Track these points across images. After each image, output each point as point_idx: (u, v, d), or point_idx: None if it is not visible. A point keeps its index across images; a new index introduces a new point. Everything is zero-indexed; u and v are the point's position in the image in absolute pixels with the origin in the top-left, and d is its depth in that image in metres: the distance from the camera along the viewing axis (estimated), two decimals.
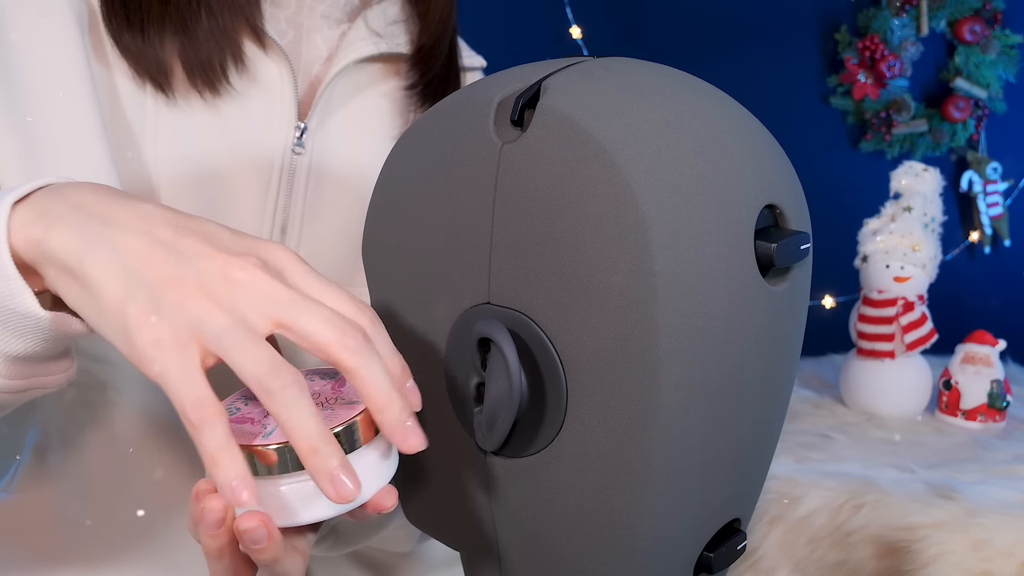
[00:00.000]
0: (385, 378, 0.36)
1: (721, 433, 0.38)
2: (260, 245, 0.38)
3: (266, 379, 0.34)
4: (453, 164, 0.40)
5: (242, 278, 0.36)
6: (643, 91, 0.38)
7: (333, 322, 0.36)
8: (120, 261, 0.36)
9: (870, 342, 1.30)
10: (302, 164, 0.60)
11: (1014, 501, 0.97)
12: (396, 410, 0.36)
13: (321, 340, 0.35)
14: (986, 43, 1.80)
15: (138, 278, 0.35)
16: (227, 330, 0.35)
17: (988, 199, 1.86)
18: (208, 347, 0.35)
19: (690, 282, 0.35)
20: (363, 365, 0.36)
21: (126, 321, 0.35)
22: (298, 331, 0.36)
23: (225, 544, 0.38)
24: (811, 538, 1.01)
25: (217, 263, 0.36)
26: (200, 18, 0.55)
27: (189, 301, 0.35)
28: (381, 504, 0.39)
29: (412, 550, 0.73)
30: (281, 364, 0.35)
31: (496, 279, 0.39)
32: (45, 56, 0.52)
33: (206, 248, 0.37)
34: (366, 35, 0.63)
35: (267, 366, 0.34)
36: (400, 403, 0.37)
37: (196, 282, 0.35)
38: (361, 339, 0.36)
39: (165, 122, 0.56)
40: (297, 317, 0.35)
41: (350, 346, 0.35)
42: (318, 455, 0.35)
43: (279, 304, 0.36)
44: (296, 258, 0.39)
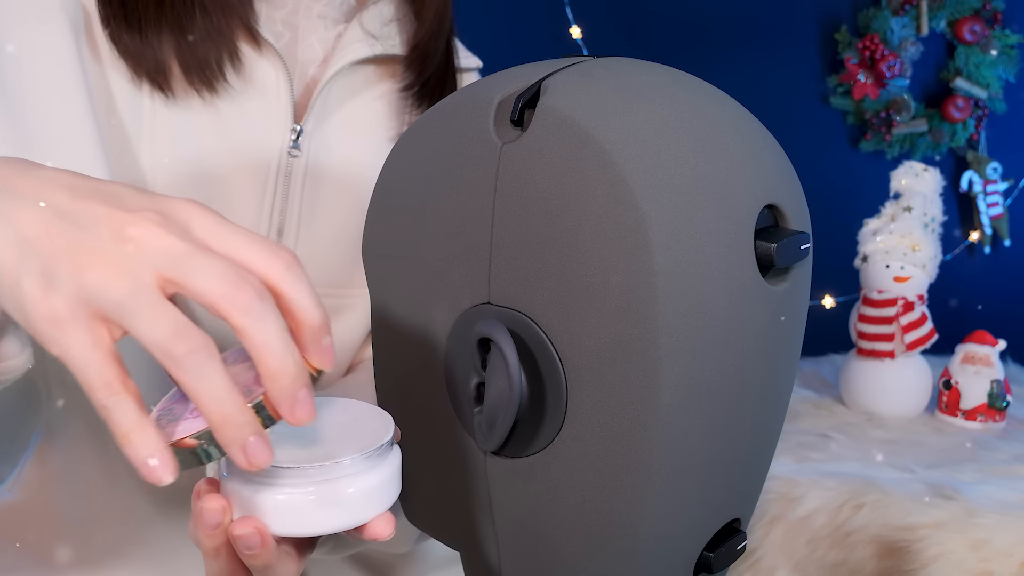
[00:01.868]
0: (279, 341, 0.33)
1: (721, 433, 0.38)
2: (168, 202, 0.35)
3: (169, 343, 0.32)
4: (453, 164, 0.40)
5: (136, 235, 0.33)
6: (643, 91, 0.38)
7: (225, 276, 0.33)
8: (13, 233, 0.33)
9: (870, 342, 1.30)
10: (298, 166, 0.60)
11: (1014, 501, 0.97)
12: (288, 378, 0.33)
13: (210, 296, 0.32)
14: (986, 43, 1.80)
15: (31, 250, 0.33)
16: (125, 297, 0.32)
17: (988, 199, 1.86)
18: (111, 318, 0.32)
19: (690, 282, 0.35)
20: (253, 325, 0.33)
21: (21, 299, 0.33)
22: (189, 287, 0.33)
23: (222, 544, 0.38)
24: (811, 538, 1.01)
25: (112, 223, 0.33)
26: (195, 17, 0.55)
27: (84, 271, 0.32)
28: (378, 531, 0.39)
29: (412, 550, 0.73)
30: (185, 326, 0.32)
31: (496, 279, 0.39)
32: (39, 61, 0.52)
33: (104, 209, 0.34)
34: (362, 37, 0.63)
35: (169, 330, 0.32)
36: (294, 371, 0.33)
37: (90, 249, 0.33)
38: (254, 295, 0.33)
39: (163, 123, 0.56)
40: (188, 272, 0.33)
41: (239, 302, 0.32)
42: (230, 424, 0.33)
43: (172, 259, 0.33)
44: (203, 210, 0.35)
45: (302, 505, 0.37)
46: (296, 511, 0.37)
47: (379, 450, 0.39)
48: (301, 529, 0.38)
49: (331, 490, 0.37)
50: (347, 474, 0.38)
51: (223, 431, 0.33)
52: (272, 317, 0.33)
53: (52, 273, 0.33)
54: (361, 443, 0.39)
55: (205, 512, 0.37)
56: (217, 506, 0.37)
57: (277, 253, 0.35)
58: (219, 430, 0.33)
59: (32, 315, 0.33)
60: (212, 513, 0.37)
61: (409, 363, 0.44)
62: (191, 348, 0.32)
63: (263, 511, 0.37)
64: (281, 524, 0.37)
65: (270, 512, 0.37)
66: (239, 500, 0.38)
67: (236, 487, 0.38)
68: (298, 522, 0.37)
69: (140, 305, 0.32)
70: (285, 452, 0.38)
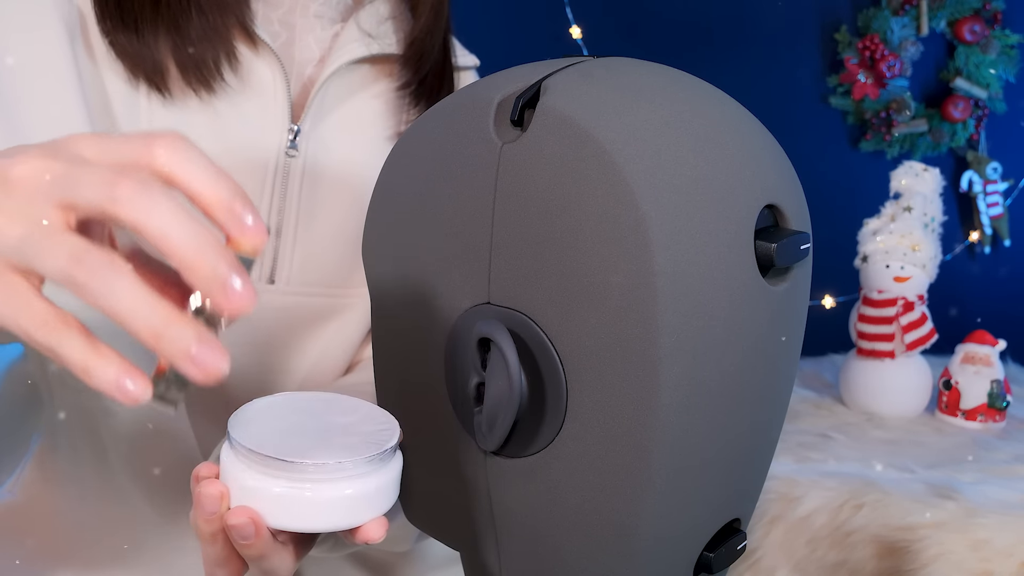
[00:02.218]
0: (179, 223, 0.29)
1: (721, 433, 0.38)
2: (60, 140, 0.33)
3: (70, 270, 0.29)
4: (453, 164, 0.40)
5: (20, 173, 0.31)
6: (643, 91, 0.38)
7: (103, 178, 0.30)
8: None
9: (870, 342, 1.30)
10: (296, 166, 0.60)
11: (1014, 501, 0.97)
12: (207, 262, 0.30)
13: (95, 203, 0.30)
14: (986, 43, 1.80)
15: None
16: (22, 240, 0.30)
17: (988, 199, 1.86)
18: (18, 265, 0.30)
19: (690, 282, 0.35)
20: (143, 216, 0.29)
21: None
22: (77, 203, 0.30)
23: (219, 530, 0.38)
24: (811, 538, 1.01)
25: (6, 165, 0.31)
26: (191, 17, 0.55)
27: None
28: (370, 535, 0.39)
29: (412, 550, 0.73)
30: (84, 249, 0.29)
31: (496, 279, 0.39)
32: (34, 65, 0.51)
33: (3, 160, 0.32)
34: (358, 36, 0.63)
35: (65, 256, 0.29)
36: (212, 253, 0.30)
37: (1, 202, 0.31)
38: (135, 184, 0.29)
39: (160, 123, 0.56)
40: (71, 189, 0.30)
41: (121, 197, 0.29)
42: (164, 338, 0.29)
43: (57, 184, 0.30)
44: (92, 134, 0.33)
45: (298, 500, 0.37)
46: (292, 506, 0.37)
47: (382, 455, 0.39)
48: (295, 524, 0.38)
49: (329, 490, 0.37)
50: (348, 475, 0.38)
51: (160, 347, 0.29)
52: (163, 200, 0.30)
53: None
54: (365, 445, 0.39)
55: (203, 498, 0.37)
56: (215, 492, 0.37)
57: (154, 139, 0.32)
58: (155, 347, 0.29)
59: None
60: (210, 499, 0.37)
61: (409, 363, 0.44)
62: (93, 267, 0.29)
63: (260, 501, 0.37)
64: (276, 517, 0.37)
65: (267, 503, 0.37)
66: (237, 487, 0.38)
67: (235, 474, 0.38)
68: (293, 517, 0.38)
69: (35, 241, 0.30)
70: (288, 446, 0.38)
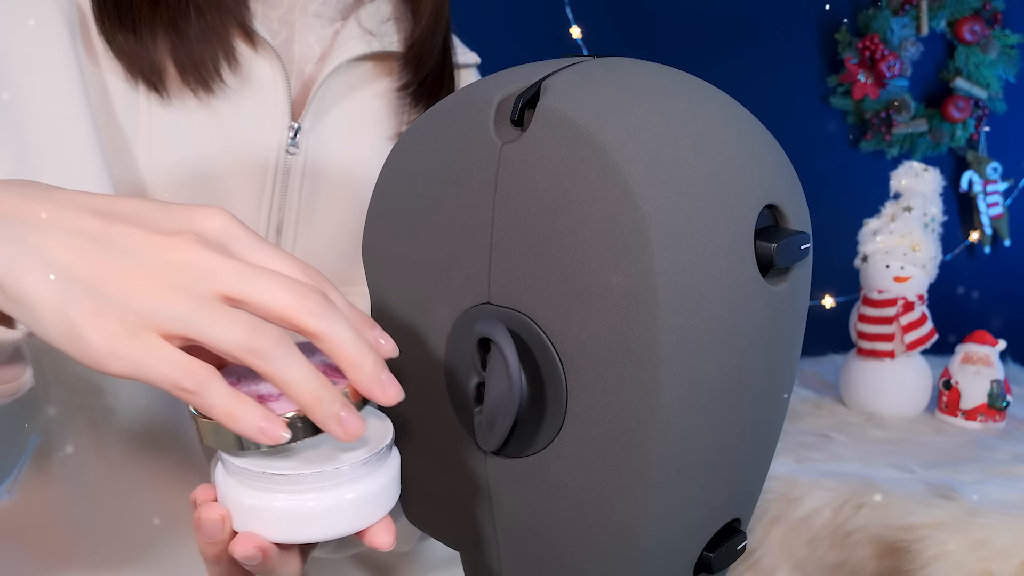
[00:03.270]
0: (353, 334, 0.35)
1: (721, 433, 0.38)
2: (195, 216, 0.36)
3: (252, 342, 0.33)
4: (453, 164, 0.40)
5: (182, 259, 0.34)
6: (643, 91, 0.38)
7: (291, 288, 0.34)
8: (50, 265, 0.34)
9: (870, 342, 1.30)
10: (296, 164, 0.60)
11: (1014, 501, 0.97)
12: (370, 364, 0.35)
13: (281, 308, 0.34)
14: (986, 43, 1.80)
15: (73, 278, 0.33)
16: (191, 309, 0.33)
17: (988, 199, 1.86)
18: (173, 331, 0.33)
19: (690, 282, 0.35)
20: (329, 327, 0.35)
21: (72, 326, 0.33)
22: (254, 302, 0.34)
23: (222, 551, 0.38)
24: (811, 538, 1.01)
25: (154, 247, 0.34)
26: (190, 17, 0.55)
27: (136, 292, 0.33)
28: (377, 541, 0.39)
29: (412, 550, 0.73)
30: (261, 324, 0.34)
31: (496, 279, 0.39)
32: (35, 61, 0.51)
33: (138, 232, 0.35)
34: (359, 34, 0.62)
35: (249, 329, 0.33)
36: (372, 356, 0.36)
37: (138, 271, 0.34)
38: (322, 300, 0.35)
39: (159, 123, 0.56)
40: (250, 288, 0.34)
41: (313, 310, 0.34)
42: (323, 402, 0.34)
43: (227, 278, 0.34)
44: (237, 225, 0.37)
45: (301, 512, 0.37)
46: (295, 519, 0.37)
47: (379, 454, 0.39)
48: (300, 536, 0.37)
49: (331, 497, 0.37)
50: (347, 480, 0.37)
51: (318, 409, 0.34)
52: (340, 316, 0.35)
53: (101, 296, 0.33)
54: (360, 446, 0.39)
55: (204, 523, 0.37)
56: (216, 516, 0.37)
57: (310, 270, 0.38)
58: (314, 409, 0.34)
59: (88, 338, 0.33)
60: (211, 524, 0.37)
61: (409, 363, 0.44)
62: (274, 342, 0.33)
63: (262, 519, 0.37)
64: (280, 532, 0.37)
65: (269, 519, 0.37)
66: (237, 507, 0.37)
67: (233, 495, 0.37)
68: (297, 530, 0.37)
69: (209, 314, 0.33)
70: (282, 458, 0.38)
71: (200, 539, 0.38)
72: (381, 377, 0.36)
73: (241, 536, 0.37)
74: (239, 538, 0.37)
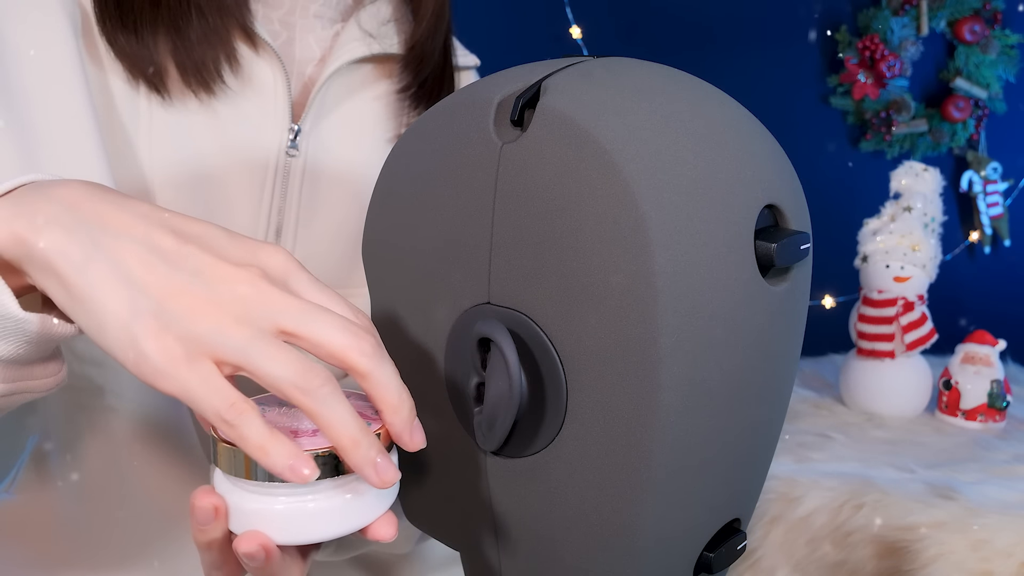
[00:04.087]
0: (398, 379, 0.37)
1: (721, 433, 0.38)
2: (260, 252, 0.38)
3: (303, 380, 0.34)
4: (453, 164, 0.40)
5: (247, 292, 0.35)
6: (643, 91, 0.38)
7: (347, 328, 0.36)
8: (121, 273, 0.35)
9: (870, 342, 1.30)
10: (296, 166, 0.60)
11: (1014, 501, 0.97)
12: (407, 408, 0.37)
13: (338, 347, 0.35)
14: (986, 43, 1.80)
15: (143, 292, 0.34)
16: (250, 341, 0.34)
17: (988, 199, 1.86)
18: (228, 359, 0.34)
19: (690, 282, 0.35)
20: (378, 368, 0.36)
21: (134, 338, 0.34)
22: (311, 339, 0.35)
23: (213, 540, 0.38)
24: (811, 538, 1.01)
25: (222, 275, 0.36)
26: (191, 19, 0.55)
27: (200, 316, 0.34)
28: (380, 534, 0.39)
29: (412, 550, 0.73)
30: (311, 363, 0.35)
31: (496, 279, 0.39)
32: (40, 59, 0.52)
33: (208, 258, 0.36)
34: (359, 36, 0.62)
35: (301, 367, 0.34)
36: (410, 403, 0.37)
37: (205, 296, 0.35)
38: (374, 342, 0.36)
39: (160, 124, 0.56)
40: (308, 325, 0.35)
41: (366, 351, 0.36)
42: (361, 446, 0.35)
43: (288, 314, 0.35)
44: (296, 265, 0.39)
45: (302, 514, 0.37)
46: (296, 521, 0.37)
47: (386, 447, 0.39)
48: (302, 538, 0.38)
49: (331, 497, 0.37)
50: (347, 480, 0.37)
51: (355, 453, 0.35)
52: (387, 359, 0.37)
53: (167, 314, 0.34)
54: None
55: (197, 510, 0.37)
56: (208, 505, 0.37)
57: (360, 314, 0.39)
58: (350, 452, 0.35)
59: (149, 354, 0.34)
60: (203, 511, 0.37)
61: (409, 363, 0.44)
62: (322, 381, 0.34)
63: (263, 522, 0.37)
64: (282, 534, 0.37)
65: (270, 523, 0.37)
66: (239, 513, 0.38)
67: (233, 500, 0.38)
68: (299, 532, 0.37)
69: (265, 348, 0.34)
70: None
71: (193, 525, 0.38)
72: (412, 423, 0.38)
73: (245, 534, 0.37)
74: (243, 536, 0.37)
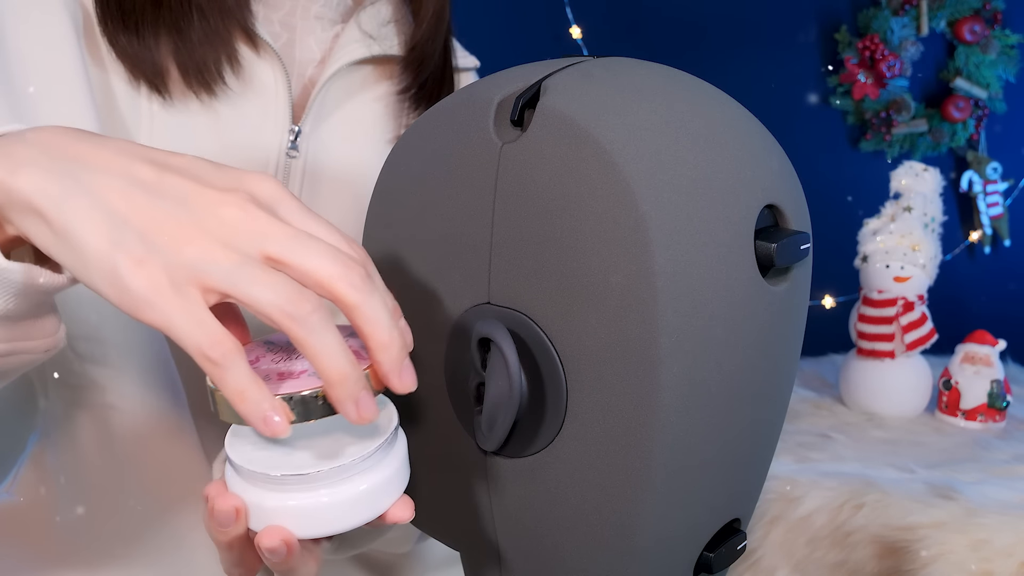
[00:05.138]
0: (388, 315, 0.35)
1: (721, 433, 0.38)
2: (246, 177, 0.37)
3: (291, 306, 0.33)
4: (453, 164, 0.40)
5: (235, 215, 0.34)
6: (643, 91, 0.38)
7: (336, 257, 0.34)
8: (102, 206, 0.34)
9: (870, 342, 1.30)
10: (296, 167, 0.60)
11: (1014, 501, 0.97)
12: (397, 347, 0.36)
13: (324, 276, 0.34)
14: (986, 43, 1.80)
15: (124, 223, 0.33)
16: (237, 266, 0.33)
17: (988, 199, 1.86)
18: (215, 286, 0.33)
19: (690, 282, 0.35)
20: (367, 301, 0.35)
21: (115, 268, 0.33)
22: (298, 267, 0.34)
23: (234, 539, 0.38)
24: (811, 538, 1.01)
25: (207, 201, 0.34)
26: (192, 20, 0.55)
27: (184, 243, 0.33)
28: (397, 516, 0.39)
29: (412, 550, 0.73)
30: (303, 289, 0.33)
31: (496, 279, 0.39)
32: (43, 59, 0.52)
33: (192, 185, 0.35)
34: (359, 37, 0.63)
35: (290, 292, 0.33)
36: (401, 341, 0.36)
37: (189, 223, 0.34)
38: (364, 274, 0.35)
39: (161, 124, 0.56)
40: (296, 252, 0.34)
41: (355, 282, 0.34)
42: (348, 380, 0.34)
43: (276, 240, 0.34)
44: (285, 192, 0.37)
45: (318, 508, 0.37)
46: (313, 515, 0.37)
47: (388, 439, 0.39)
48: (318, 531, 0.38)
49: (346, 490, 0.37)
50: (361, 471, 0.38)
51: (340, 387, 0.34)
52: (379, 294, 0.35)
53: (150, 244, 0.33)
54: (368, 433, 0.39)
55: (218, 513, 0.37)
56: (229, 508, 0.37)
57: (355, 245, 0.37)
58: (336, 386, 0.34)
59: (131, 285, 0.33)
60: (225, 514, 0.37)
61: None
62: (313, 307, 0.33)
63: (280, 518, 0.37)
64: (299, 529, 0.37)
65: (287, 518, 0.37)
66: (254, 510, 0.38)
67: (248, 497, 0.38)
68: (316, 525, 0.37)
69: (253, 272, 0.33)
70: (293, 456, 0.38)
71: (213, 528, 0.38)
72: (403, 362, 0.36)
73: (267, 529, 0.37)
74: (265, 531, 0.37)
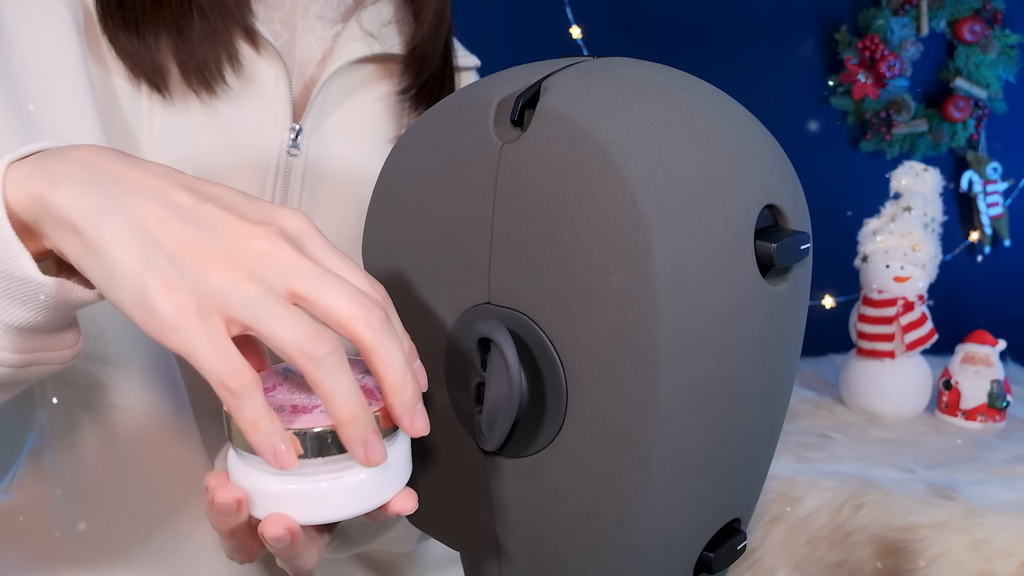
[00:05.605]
0: (403, 358, 0.36)
1: (721, 433, 0.38)
2: (277, 212, 0.37)
3: (309, 345, 0.33)
4: (453, 164, 0.40)
5: (264, 248, 0.35)
6: (643, 91, 0.38)
7: (357, 299, 0.35)
8: (137, 227, 0.34)
9: (870, 342, 1.30)
10: (297, 165, 0.60)
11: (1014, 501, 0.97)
12: (410, 391, 0.36)
13: (345, 316, 0.34)
14: (986, 43, 1.80)
15: (157, 245, 0.34)
16: (260, 299, 0.33)
17: (988, 199, 1.86)
18: (237, 317, 0.33)
19: (690, 282, 0.35)
20: (384, 344, 0.35)
21: (145, 290, 0.33)
22: (321, 305, 0.34)
23: (236, 527, 0.39)
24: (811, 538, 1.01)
25: (238, 232, 0.35)
26: (192, 19, 0.55)
27: (213, 271, 0.34)
28: (400, 507, 0.39)
29: (412, 550, 0.73)
30: (321, 329, 0.34)
31: (496, 279, 0.39)
32: (45, 56, 0.52)
33: (225, 215, 0.35)
34: (360, 36, 0.63)
35: (309, 331, 0.33)
36: (414, 385, 0.36)
37: (218, 252, 0.34)
38: (383, 317, 0.35)
39: (161, 123, 0.56)
40: (320, 291, 0.34)
41: (373, 324, 0.35)
42: (358, 422, 0.35)
43: (302, 276, 0.35)
44: (314, 229, 0.38)
45: (319, 494, 0.37)
46: (314, 501, 0.37)
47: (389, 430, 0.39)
48: (320, 517, 0.38)
49: (348, 476, 0.37)
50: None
51: (350, 428, 0.35)
52: (396, 337, 0.36)
53: (180, 268, 0.34)
54: None
55: (219, 504, 0.37)
56: (231, 498, 0.37)
57: (377, 286, 0.38)
58: (346, 427, 0.35)
59: (158, 308, 0.33)
60: (226, 505, 0.37)
61: None
62: (330, 349, 0.33)
63: (281, 504, 0.37)
64: (301, 515, 0.37)
65: (289, 504, 0.37)
66: (256, 495, 0.38)
67: (251, 483, 0.38)
68: (317, 511, 0.38)
69: (275, 307, 0.34)
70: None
71: (215, 516, 0.38)
72: (416, 407, 0.37)
73: (271, 517, 0.37)
74: (268, 519, 0.37)
